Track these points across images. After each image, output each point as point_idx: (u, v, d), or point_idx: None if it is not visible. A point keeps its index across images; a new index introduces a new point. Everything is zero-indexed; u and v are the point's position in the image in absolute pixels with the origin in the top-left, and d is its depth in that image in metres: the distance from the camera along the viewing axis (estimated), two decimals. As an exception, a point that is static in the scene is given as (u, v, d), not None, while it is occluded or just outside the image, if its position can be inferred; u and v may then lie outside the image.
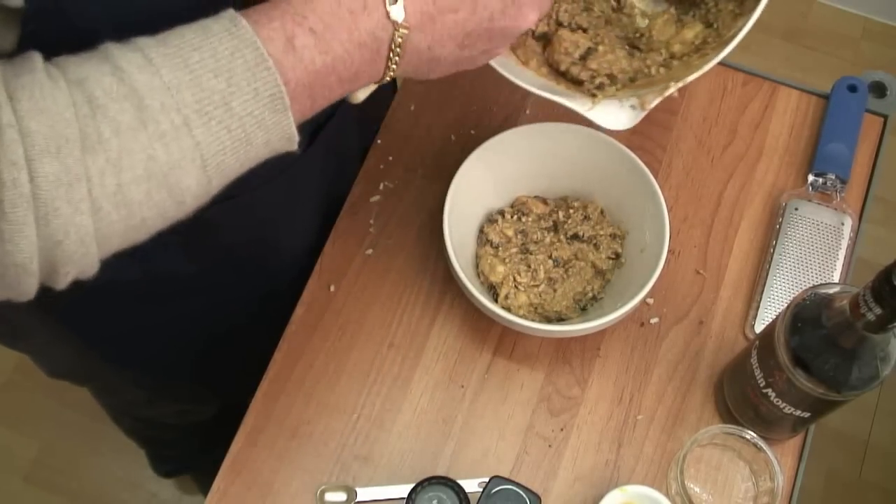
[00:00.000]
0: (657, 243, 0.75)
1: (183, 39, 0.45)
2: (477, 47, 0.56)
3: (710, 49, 0.68)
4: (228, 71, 0.45)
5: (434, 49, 0.53)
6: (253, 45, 0.45)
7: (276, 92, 0.46)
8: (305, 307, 0.81)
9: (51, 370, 0.98)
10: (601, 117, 0.65)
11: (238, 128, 0.46)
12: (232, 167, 0.47)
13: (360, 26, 0.49)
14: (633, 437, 0.77)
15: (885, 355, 0.62)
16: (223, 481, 0.75)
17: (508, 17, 0.55)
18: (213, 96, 0.44)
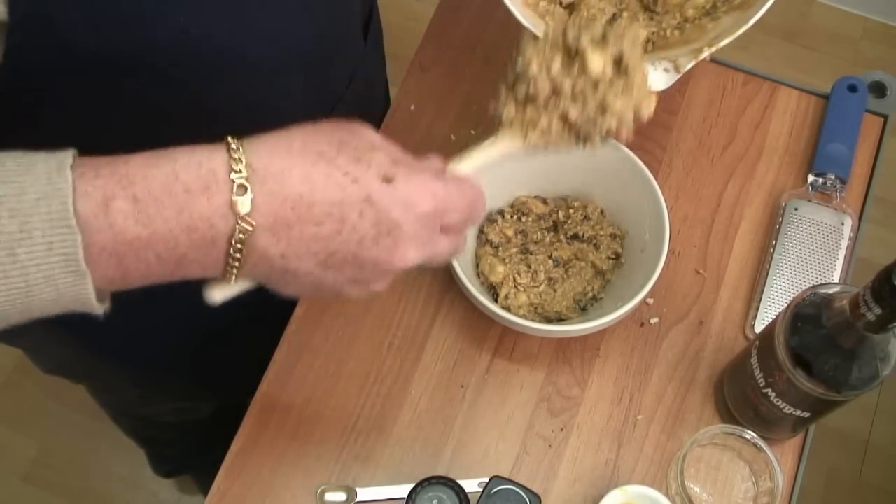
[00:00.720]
0: (657, 243, 0.75)
1: (2, 167, 0.42)
2: (345, 272, 0.50)
3: (721, 13, 0.70)
4: (26, 216, 0.41)
5: (289, 260, 0.47)
6: (62, 197, 0.41)
7: (71, 252, 0.42)
8: (305, 307, 0.81)
9: (46, 367, 0.98)
10: None
11: (19, 276, 0.42)
12: (9, 314, 0.43)
13: (193, 208, 0.44)
14: (633, 437, 0.77)
15: (885, 355, 0.62)
16: (223, 481, 0.75)
17: (382, 249, 0.49)
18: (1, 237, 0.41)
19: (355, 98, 0.79)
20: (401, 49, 1.03)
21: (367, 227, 0.48)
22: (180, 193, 0.44)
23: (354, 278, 0.50)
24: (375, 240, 0.49)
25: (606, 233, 0.80)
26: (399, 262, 0.50)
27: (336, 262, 0.49)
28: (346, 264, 0.49)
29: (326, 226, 0.47)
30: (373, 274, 0.51)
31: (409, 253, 0.50)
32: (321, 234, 0.47)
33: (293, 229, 0.47)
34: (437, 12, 0.96)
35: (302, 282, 0.49)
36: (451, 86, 0.92)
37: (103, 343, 0.84)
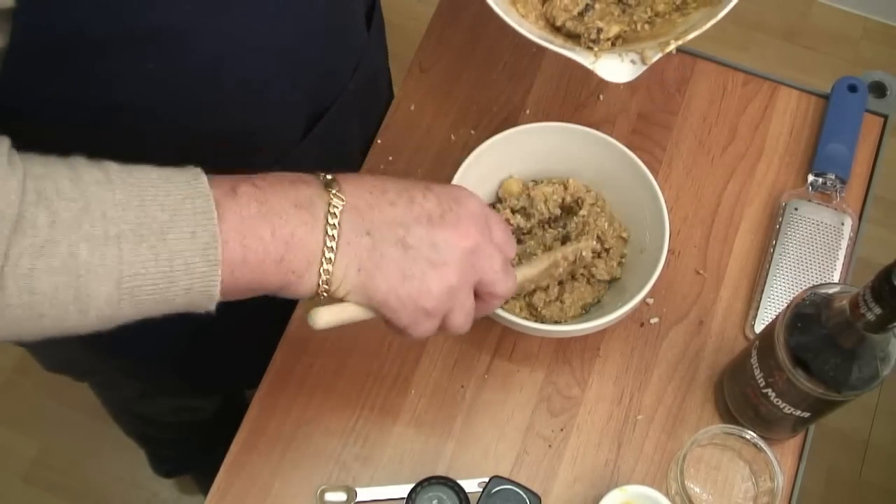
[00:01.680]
0: (657, 243, 0.75)
1: (146, 175, 0.49)
2: (422, 252, 0.56)
3: (691, 8, 0.72)
4: (175, 210, 0.48)
5: (374, 235, 0.55)
6: (205, 196, 0.49)
7: (210, 241, 0.48)
8: (305, 307, 0.81)
9: (49, 364, 0.98)
10: (604, 70, 0.69)
11: (166, 260, 0.47)
12: (145, 298, 0.48)
13: (298, 189, 0.53)
14: (633, 437, 0.77)
15: (885, 355, 0.62)
16: (223, 481, 0.75)
17: (449, 224, 0.57)
18: (153, 224, 0.47)
19: (360, 87, 0.79)
20: (401, 49, 1.03)
21: (432, 205, 0.57)
22: (287, 184, 0.54)
23: (431, 259, 0.56)
24: (442, 216, 0.57)
25: (617, 234, 0.80)
26: (464, 239, 0.57)
27: (414, 240, 0.56)
28: (422, 243, 0.56)
29: (399, 205, 0.56)
30: (447, 254, 0.56)
31: (470, 230, 0.58)
32: (397, 212, 0.56)
33: (374, 209, 0.55)
34: (437, 12, 0.96)
35: (387, 263, 0.55)
36: (451, 86, 0.92)
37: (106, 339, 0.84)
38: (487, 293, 0.61)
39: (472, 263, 0.58)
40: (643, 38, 0.73)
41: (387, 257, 0.55)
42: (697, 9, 0.73)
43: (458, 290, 0.58)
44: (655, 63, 0.69)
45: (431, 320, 0.58)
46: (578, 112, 0.90)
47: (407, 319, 0.57)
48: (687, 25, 0.71)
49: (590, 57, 0.70)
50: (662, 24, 0.74)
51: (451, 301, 0.58)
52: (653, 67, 0.70)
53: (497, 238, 0.60)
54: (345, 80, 0.77)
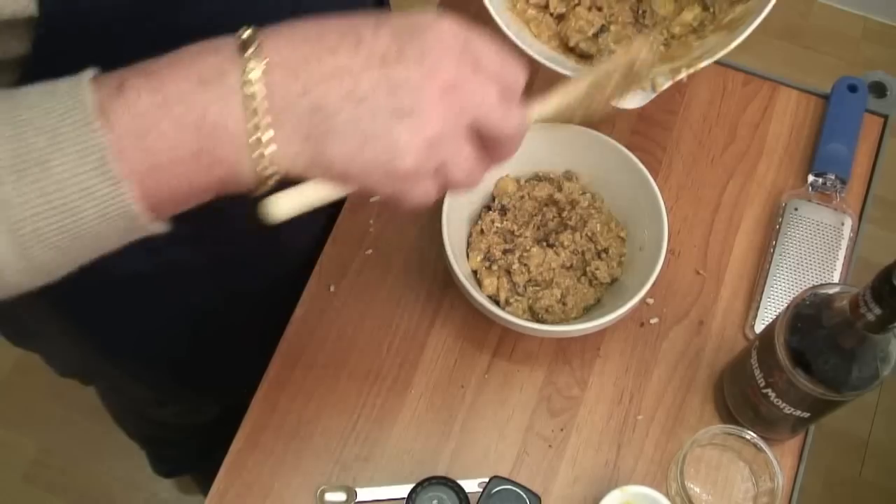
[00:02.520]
0: (656, 243, 0.75)
1: (27, 96, 0.41)
2: (379, 102, 0.44)
3: (709, 32, 0.70)
4: (54, 129, 0.40)
5: (312, 94, 0.43)
6: (84, 104, 0.41)
7: (100, 155, 0.40)
8: (305, 307, 0.81)
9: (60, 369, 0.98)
10: None
11: (56, 191, 0.40)
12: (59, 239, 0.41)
13: (203, 63, 0.43)
14: (633, 437, 0.77)
15: (885, 355, 0.62)
16: (223, 481, 0.75)
17: (412, 62, 0.44)
18: (32, 153, 0.40)
19: None
20: (401, 49, 1.03)
21: (385, 42, 0.44)
22: (187, 60, 0.43)
23: (394, 108, 0.44)
24: (400, 52, 0.44)
25: (615, 234, 0.79)
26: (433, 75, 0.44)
27: (365, 90, 0.44)
28: (378, 90, 0.44)
29: (342, 51, 0.44)
30: (411, 97, 0.44)
31: (443, 61, 0.44)
32: (340, 60, 0.43)
33: (309, 62, 0.43)
34: (437, 12, 0.96)
35: (339, 125, 0.44)
36: (451, 86, 0.92)
37: (115, 342, 0.84)
38: (492, 137, 0.48)
39: (454, 104, 0.45)
40: (661, 62, 0.72)
41: (335, 117, 0.43)
42: (715, 31, 0.71)
43: (444, 140, 0.45)
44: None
45: (419, 183, 0.46)
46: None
47: (385, 189, 0.46)
48: (702, 50, 0.70)
49: None
50: (678, 47, 0.72)
51: (436, 154, 0.46)
52: (653, 67, 0.70)
53: (487, 65, 0.46)
54: None
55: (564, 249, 0.78)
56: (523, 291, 0.77)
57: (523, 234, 0.79)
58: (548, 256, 0.78)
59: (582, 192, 0.81)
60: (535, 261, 0.77)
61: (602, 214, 0.80)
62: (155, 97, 0.42)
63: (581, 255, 0.79)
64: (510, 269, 0.78)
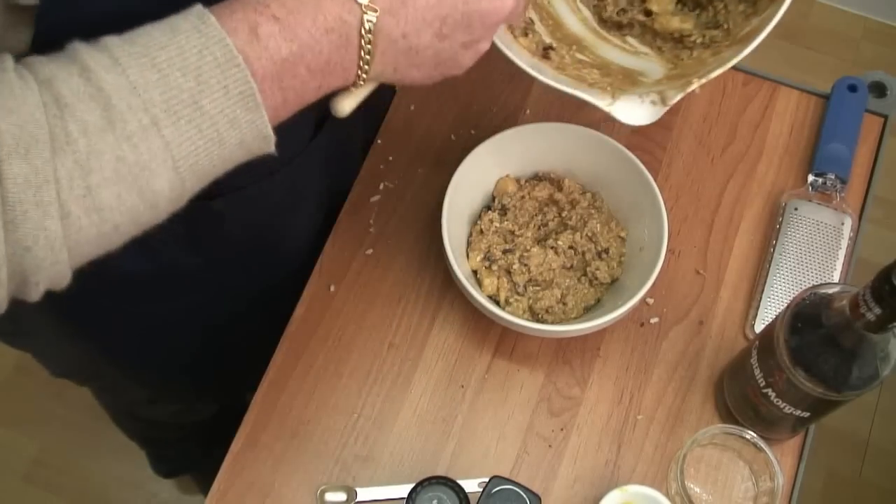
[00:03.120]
0: (656, 243, 0.75)
1: (150, 38, 0.44)
2: (456, 38, 0.53)
3: (724, 47, 0.69)
4: (197, 69, 0.44)
5: (409, 38, 0.52)
6: (221, 41, 0.44)
7: (246, 89, 0.45)
8: (305, 307, 0.81)
9: (54, 369, 0.98)
10: (622, 113, 0.64)
11: (209, 127, 0.45)
12: (206, 168, 0.46)
13: (325, 11, 0.48)
14: (633, 437, 0.77)
15: (885, 355, 0.62)
16: (223, 481, 0.75)
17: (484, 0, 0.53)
18: (182, 95, 0.43)
19: None
20: (401, 49, 1.03)
21: None
22: (310, 2, 0.48)
23: (466, 41, 0.54)
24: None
25: (615, 234, 0.79)
26: (502, 7, 0.54)
27: (449, 28, 0.52)
28: (458, 28, 0.53)
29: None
30: (481, 31, 0.54)
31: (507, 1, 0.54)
32: (431, 4, 0.51)
33: (408, 6, 0.51)
34: (437, 12, 0.96)
35: (423, 59, 0.53)
36: (451, 86, 0.92)
37: (110, 343, 0.84)
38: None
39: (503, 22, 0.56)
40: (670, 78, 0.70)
41: (422, 53, 0.53)
42: (730, 47, 0.69)
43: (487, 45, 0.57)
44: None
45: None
46: (578, 112, 0.90)
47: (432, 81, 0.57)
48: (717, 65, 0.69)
49: (606, 98, 0.65)
50: (692, 64, 0.70)
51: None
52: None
53: None
54: None
55: (565, 250, 0.78)
56: (523, 291, 0.77)
57: (523, 234, 0.79)
58: (548, 257, 0.78)
59: (582, 192, 0.81)
60: (535, 261, 0.77)
61: (602, 214, 0.80)
62: (291, 46, 0.47)
63: (581, 256, 0.79)
64: (510, 269, 0.78)
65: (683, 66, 0.71)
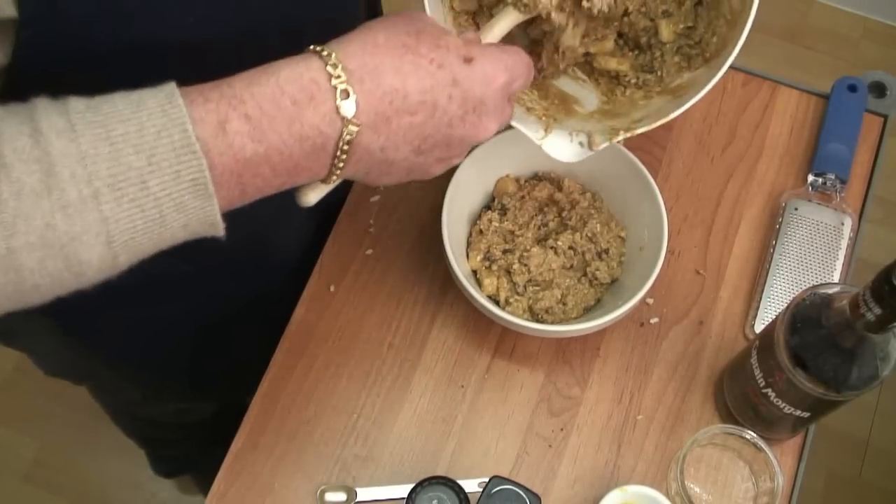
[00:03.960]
0: (656, 243, 0.75)
1: (114, 108, 0.43)
2: (433, 154, 0.53)
3: (655, 92, 0.72)
4: (151, 149, 0.43)
5: (387, 151, 0.51)
6: (182, 126, 0.43)
7: (199, 177, 0.44)
8: (305, 307, 0.81)
9: (47, 368, 0.98)
10: (550, 147, 0.67)
11: (153, 208, 0.43)
12: (142, 246, 0.45)
13: (303, 119, 0.47)
14: (633, 437, 0.77)
15: (885, 355, 0.62)
16: (223, 481, 0.75)
17: (468, 125, 0.53)
18: (130, 173, 0.42)
19: None
20: (401, 49, 1.03)
21: (455, 108, 0.52)
22: (288, 106, 0.47)
23: (441, 157, 0.54)
24: (462, 119, 0.52)
25: (615, 234, 0.79)
26: (482, 134, 0.54)
27: (428, 146, 0.52)
28: (437, 146, 0.53)
29: (420, 114, 0.51)
30: (458, 149, 0.55)
31: (490, 125, 0.54)
32: (415, 123, 0.51)
33: (391, 123, 0.50)
34: (437, 12, 0.96)
35: (396, 169, 0.53)
36: (451, 86, 0.92)
37: (102, 346, 0.84)
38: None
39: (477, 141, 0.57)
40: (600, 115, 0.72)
41: (396, 165, 0.53)
42: (660, 94, 0.71)
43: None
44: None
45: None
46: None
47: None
48: (645, 111, 0.69)
49: (539, 132, 0.67)
50: (623, 103, 0.72)
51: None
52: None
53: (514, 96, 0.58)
54: None
55: (565, 250, 0.78)
56: (523, 291, 0.77)
57: (523, 234, 0.79)
58: (548, 257, 0.78)
59: (582, 192, 0.81)
60: (535, 261, 0.77)
61: (602, 214, 0.80)
62: (258, 147, 0.46)
63: (581, 256, 0.79)
64: (510, 269, 0.78)
65: (615, 103, 0.73)
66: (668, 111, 0.65)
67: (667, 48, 0.72)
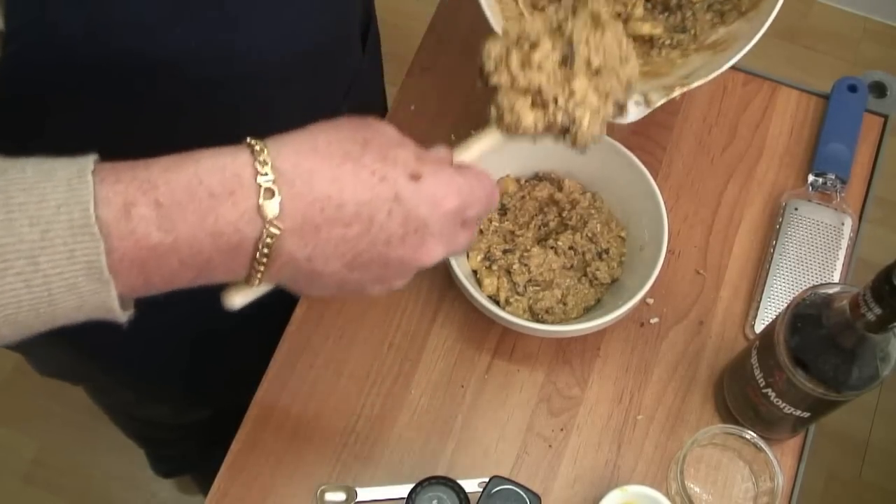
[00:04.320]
0: (656, 243, 0.75)
1: (22, 174, 0.41)
2: (370, 271, 0.49)
3: (692, 50, 0.71)
4: (48, 223, 0.40)
5: (315, 262, 0.47)
6: (83, 205, 0.40)
7: (94, 260, 0.41)
8: (305, 307, 0.81)
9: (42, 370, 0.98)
10: None
11: (41, 285, 0.41)
12: (28, 322, 0.42)
13: (218, 213, 0.43)
14: (633, 437, 0.77)
15: (885, 355, 0.62)
16: (223, 481, 0.75)
17: (409, 247, 0.48)
18: (21, 245, 0.40)
19: (353, 108, 0.79)
20: (401, 49, 1.03)
21: (394, 226, 0.47)
22: (204, 198, 0.43)
23: (378, 277, 0.50)
24: (403, 239, 0.48)
25: (615, 234, 0.79)
26: (425, 258, 0.49)
27: (362, 262, 0.48)
28: (373, 264, 0.48)
29: (354, 227, 0.46)
30: (397, 272, 0.50)
31: (434, 250, 0.49)
32: (349, 236, 0.46)
33: (321, 232, 0.46)
34: (437, 12, 0.96)
35: (326, 282, 0.49)
36: (451, 86, 0.92)
37: (94, 348, 0.84)
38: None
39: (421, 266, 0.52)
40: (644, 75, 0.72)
41: (326, 279, 0.48)
42: (698, 51, 0.72)
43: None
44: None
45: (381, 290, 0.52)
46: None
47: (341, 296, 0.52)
48: (689, 68, 0.70)
49: None
50: (662, 63, 0.73)
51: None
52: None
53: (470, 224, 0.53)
54: (338, 101, 0.77)
55: (565, 250, 0.78)
56: (523, 291, 0.77)
57: (523, 234, 0.79)
58: (548, 257, 0.78)
59: (582, 192, 0.81)
60: (535, 261, 0.77)
61: (602, 214, 0.80)
62: (165, 237, 0.42)
63: (581, 256, 0.79)
64: (510, 269, 0.78)
65: (653, 64, 0.73)
66: (717, 64, 0.66)
67: (697, 7, 0.73)
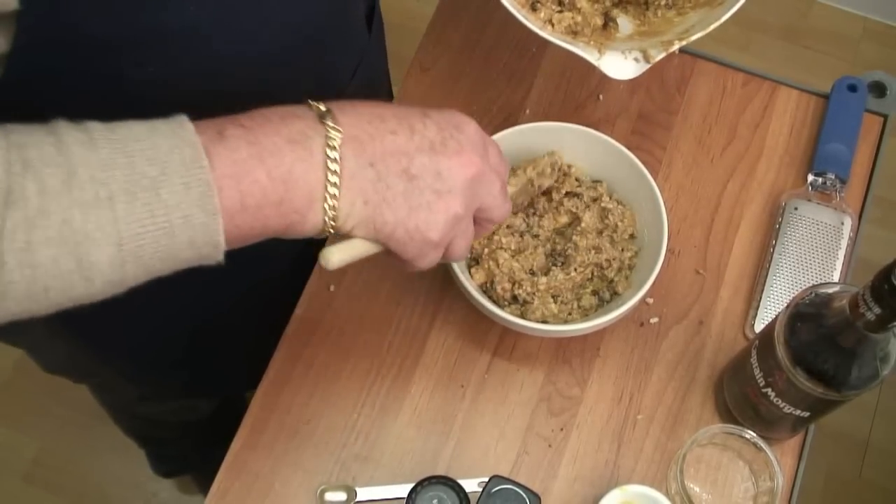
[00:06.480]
0: (656, 243, 0.75)
1: (130, 131, 0.47)
2: (425, 180, 0.55)
3: (688, 8, 0.74)
4: (164, 163, 0.46)
5: (378, 167, 0.53)
6: (193, 144, 0.47)
7: (205, 190, 0.47)
8: (305, 307, 0.81)
9: (47, 366, 0.98)
10: (608, 67, 0.68)
11: (163, 215, 0.46)
12: (150, 256, 0.47)
13: (289, 124, 0.51)
14: (633, 437, 0.77)
15: (885, 355, 0.62)
16: (223, 481, 0.75)
17: (451, 151, 0.56)
18: (143, 180, 0.45)
19: (360, 89, 0.79)
20: (401, 49, 1.03)
21: (433, 132, 0.56)
22: (277, 120, 0.51)
23: (437, 190, 0.55)
24: (444, 143, 0.56)
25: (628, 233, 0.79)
26: (468, 166, 0.56)
27: (417, 169, 0.55)
28: (426, 172, 0.55)
29: (400, 134, 0.54)
30: (450, 182, 0.56)
31: (473, 157, 0.57)
32: (399, 141, 0.54)
33: (375, 140, 0.53)
34: (437, 12, 0.96)
35: (394, 195, 0.54)
36: (451, 86, 0.92)
37: (99, 341, 0.84)
38: (485, 219, 0.61)
39: (474, 191, 0.58)
40: (641, 35, 0.73)
41: (392, 189, 0.54)
42: (694, 9, 0.73)
43: (462, 219, 0.57)
44: (655, 63, 0.69)
45: (437, 251, 0.58)
46: (578, 112, 0.90)
47: (414, 252, 0.57)
48: (686, 24, 0.71)
49: (594, 53, 0.69)
50: (660, 23, 0.74)
51: (455, 230, 0.58)
52: (653, 67, 0.70)
53: (494, 163, 0.60)
54: (344, 81, 0.77)
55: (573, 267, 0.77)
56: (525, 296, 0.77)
57: (524, 233, 0.79)
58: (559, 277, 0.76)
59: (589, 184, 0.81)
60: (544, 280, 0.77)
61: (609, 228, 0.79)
62: (252, 148, 0.49)
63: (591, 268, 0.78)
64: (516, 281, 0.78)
65: (650, 24, 0.74)
66: (715, 17, 0.67)
67: None
